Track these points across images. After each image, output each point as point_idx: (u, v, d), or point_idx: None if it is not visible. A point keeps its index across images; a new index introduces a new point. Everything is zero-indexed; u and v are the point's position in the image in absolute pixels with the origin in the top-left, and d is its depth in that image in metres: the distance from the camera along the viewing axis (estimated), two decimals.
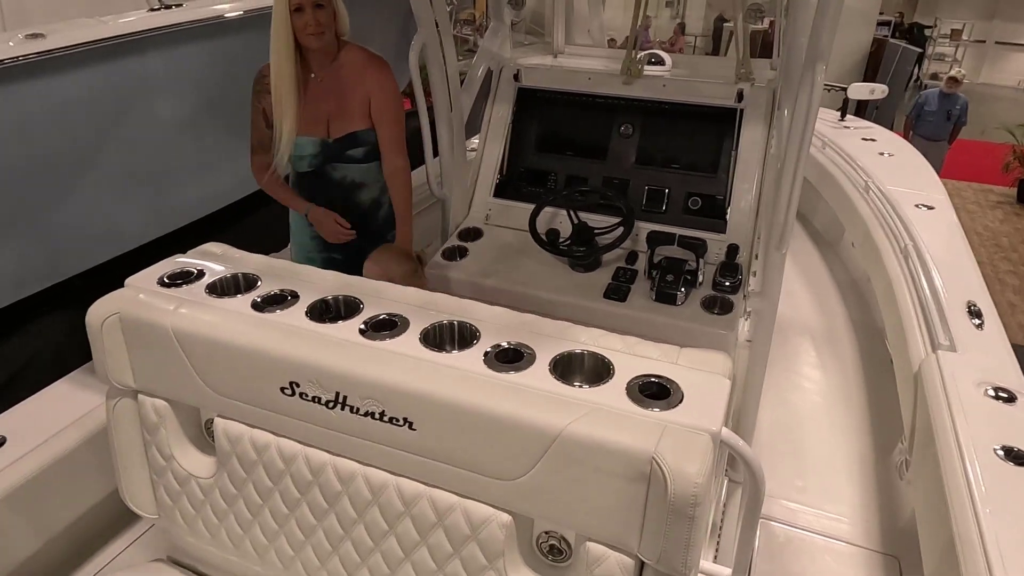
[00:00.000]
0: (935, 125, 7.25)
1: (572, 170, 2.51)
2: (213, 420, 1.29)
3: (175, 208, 3.37)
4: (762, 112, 2.25)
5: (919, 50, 7.73)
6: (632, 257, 2.29)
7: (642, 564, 0.99)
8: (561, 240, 2.27)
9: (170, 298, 1.28)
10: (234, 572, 1.42)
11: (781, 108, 2.16)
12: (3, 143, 2.81)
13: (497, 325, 1.19)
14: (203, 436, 1.37)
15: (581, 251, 2.21)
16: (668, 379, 1.05)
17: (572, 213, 2.30)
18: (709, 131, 2.33)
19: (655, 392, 1.03)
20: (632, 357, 1.11)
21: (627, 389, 1.03)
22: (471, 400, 1.02)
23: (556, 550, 1.12)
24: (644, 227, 2.30)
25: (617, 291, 2.16)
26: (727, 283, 2.14)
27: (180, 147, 3.34)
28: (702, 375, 1.07)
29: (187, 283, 1.33)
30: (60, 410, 1.89)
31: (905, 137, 6.68)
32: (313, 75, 2.11)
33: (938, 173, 6.38)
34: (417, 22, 2.17)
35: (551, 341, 1.14)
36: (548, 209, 2.39)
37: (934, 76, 17.00)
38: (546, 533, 1.12)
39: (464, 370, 1.08)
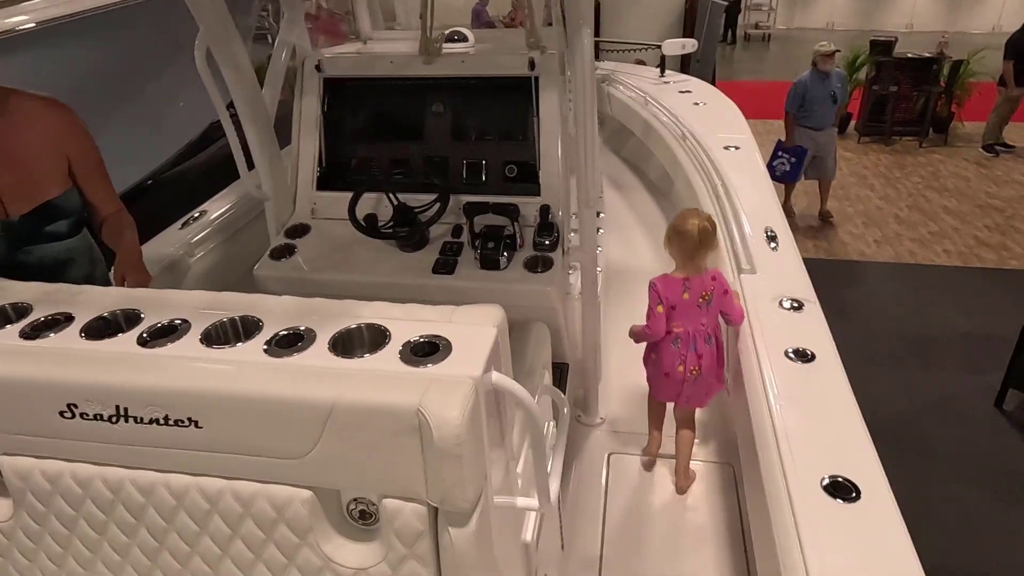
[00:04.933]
0: (821, 112, 6.25)
1: (392, 154, 2.54)
2: None
3: None
4: (555, 77, 2.37)
5: (725, 2, 8.25)
6: (458, 231, 2.36)
7: (435, 509, 1.07)
8: (383, 223, 2.30)
9: None
10: None
11: (568, 72, 2.30)
12: None
13: (281, 314, 1.21)
14: None
15: (403, 232, 2.25)
16: (439, 337, 1.12)
17: (391, 196, 2.33)
18: (512, 101, 2.43)
19: (427, 351, 1.10)
20: (409, 322, 1.17)
21: (400, 352, 1.09)
22: (248, 388, 1.05)
23: (366, 514, 1.18)
24: (466, 199, 2.37)
25: (445, 265, 2.23)
26: (545, 242, 2.26)
27: None
28: (472, 328, 1.15)
29: None
30: None
31: (788, 135, 6.32)
32: None
33: (835, 165, 6.58)
34: (197, 21, 2.10)
35: (333, 320, 1.18)
36: (372, 195, 2.41)
37: (756, 26, 18.38)
38: (355, 500, 1.18)
39: (242, 361, 1.10)
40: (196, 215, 3.15)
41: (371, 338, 1.15)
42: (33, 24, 4.12)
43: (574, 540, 2.11)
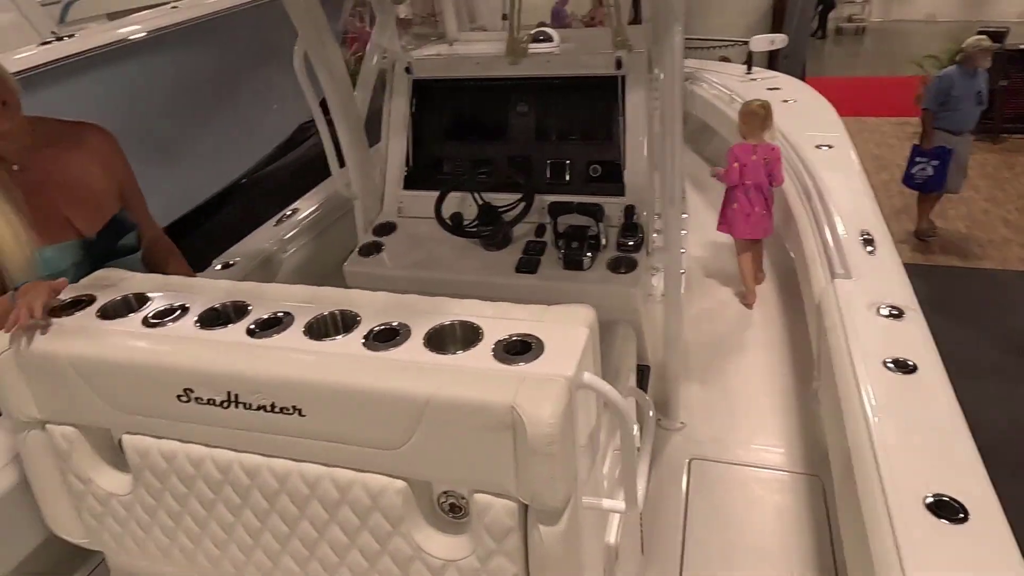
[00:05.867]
0: (965, 113, 5.46)
1: (477, 154, 2.58)
2: None
3: None
4: (642, 76, 2.34)
5: None
6: (541, 230, 2.37)
7: (525, 507, 1.08)
8: (468, 222, 2.34)
9: (61, 326, 1.31)
10: None
11: (656, 71, 2.26)
12: None
13: (376, 309, 1.26)
14: (118, 455, 1.41)
15: (487, 231, 2.28)
16: (532, 336, 1.13)
17: (476, 195, 2.36)
18: (597, 101, 2.42)
19: (519, 349, 1.11)
20: (501, 320, 1.19)
21: (493, 350, 1.11)
22: (349, 380, 1.09)
23: (456, 507, 1.21)
24: (549, 199, 2.38)
25: (528, 264, 2.25)
26: (630, 243, 2.23)
27: None
28: (564, 328, 1.15)
29: (78, 310, 1.36)
30: None
31: (927, 136, 5.63)
32: (16, 167, 1.64)
33: (964, 178, 5.87)
34: (296, 27, 2.20)
35: (426, 317, 1.21)
36: (457, 194, 2.45)
37: (849, 19, 17.50)
38: (445, 493, 1.21)
39: (343, 354, 1.15)
40: (288, 212, 3.30)
41: (464, 335, 1.17)
42: (144, 33, 4.43)
43: (654, 545, 2.08)
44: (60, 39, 4.03)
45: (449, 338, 1.17)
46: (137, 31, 4.41)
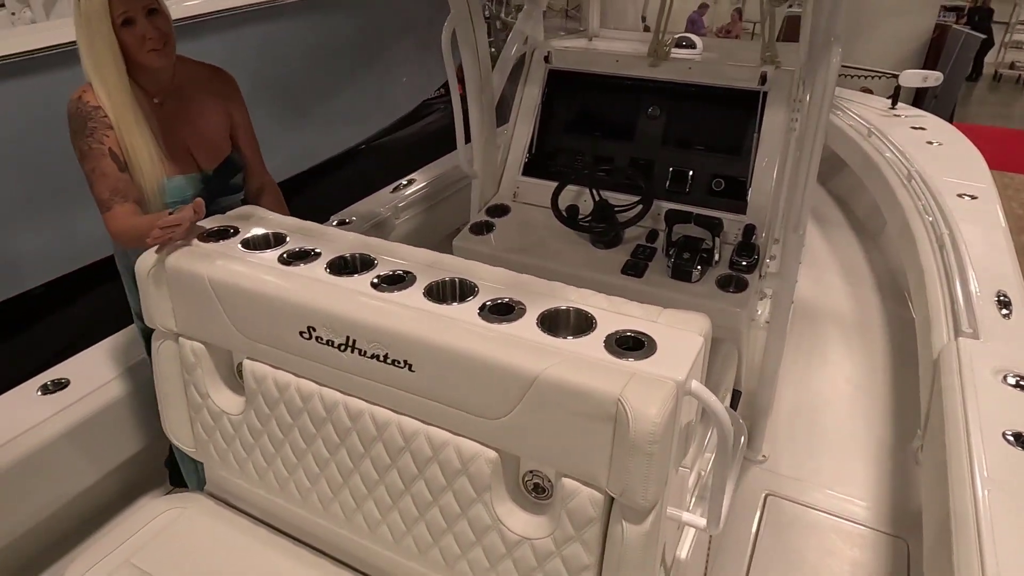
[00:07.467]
0: None
1: (600, 150, 2.58)
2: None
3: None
4: (785, 95, 2.26)
5: (982, 36, 7.24)
6: (652, 235, 2.35)
7: (611, 500, 1.09)
8: (582, 217, 2.35)
9: (207, 250, 1.43)
10: (258, 503, 1.58)
11: (804, 91, 2.18)
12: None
13: (495, 283, 1.29)
14: (235, 377, 1.52)
15: (600, 227, 2.28)
16: (644, 334, 1.13)
17: (594, 191, 2.37)
18: (733, 113, 2.36)
19: (631, 345, 1.11)
20: (615, 314, 1.19)
21: (605, 341, 1.12)
22: (462, 345, 1.13)
23: (540, 488, 1.22)
24: (666, 206, 2.35)
25: (635, 267, 2.23)
26: (743, 263, 2.18)
27: None
28: (678, 332, 1.14)
29: (224, 239, 1.48)
30: (121, 357, 2.09)
31: None
32: (156, 100, 1.76)
33: None
34: (450, 4, 2.27)
35: (542, 298, 1.24)
36: (574, 188, 2.47)
37: (1011, 66, 16.14)
38: (531, 472, 1.23)
39: (459, 320, 1.19)
40: (405, 182, 3.44)
41: (576, 322, 1.19)
42: None
43: (717, 573, 2.04)
44: None
45: (562, 322, 1.19)
46: None
